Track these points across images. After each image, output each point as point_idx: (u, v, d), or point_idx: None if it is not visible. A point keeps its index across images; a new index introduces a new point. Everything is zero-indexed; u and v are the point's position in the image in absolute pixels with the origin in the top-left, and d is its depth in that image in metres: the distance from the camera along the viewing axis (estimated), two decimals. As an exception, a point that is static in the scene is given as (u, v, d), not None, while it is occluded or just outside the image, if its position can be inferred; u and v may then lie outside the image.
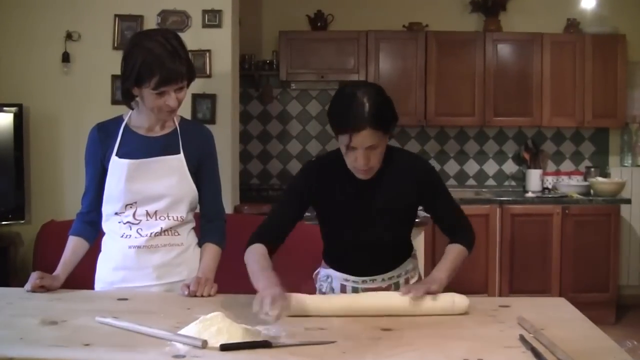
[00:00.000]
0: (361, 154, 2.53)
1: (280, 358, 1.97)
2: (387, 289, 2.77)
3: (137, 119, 2.86)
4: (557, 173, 7.00)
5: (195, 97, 5.05)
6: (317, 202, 2.78)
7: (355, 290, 2.81)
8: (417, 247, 3.09)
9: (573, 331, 2.28)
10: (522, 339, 2.14)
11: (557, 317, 2.45)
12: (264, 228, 2.79)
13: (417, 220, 3.03)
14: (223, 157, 4.46)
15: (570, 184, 6.75)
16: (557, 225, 6.30)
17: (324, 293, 2.90)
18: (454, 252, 2.72)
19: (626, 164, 7.07)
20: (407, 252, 2.87)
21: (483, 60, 6.66)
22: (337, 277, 2.87)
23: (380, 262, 2.80)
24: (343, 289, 2.84)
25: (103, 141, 2.85)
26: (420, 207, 2.80)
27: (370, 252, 2.77)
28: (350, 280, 2.83)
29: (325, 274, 2.95)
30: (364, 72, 6.62)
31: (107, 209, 2.86)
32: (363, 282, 2.81)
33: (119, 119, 2.90)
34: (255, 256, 2.68)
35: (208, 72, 5.04)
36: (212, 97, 5.07)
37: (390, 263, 2.82)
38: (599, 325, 2.36)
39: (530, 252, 6.25)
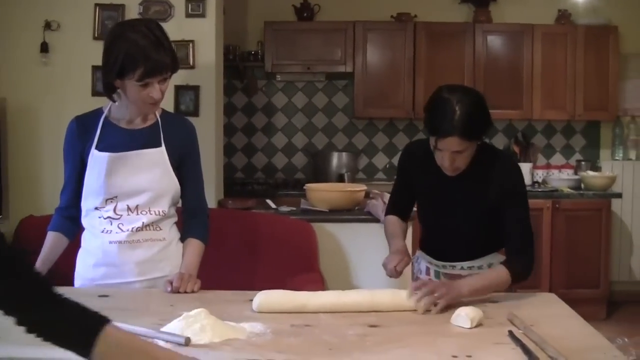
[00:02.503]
0: (447, 157, 2.65)
1: (266, 355, 1.97)
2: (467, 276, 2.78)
3: (118, 111, 2.85)
4: (548, 167, 7.02)
5: (178, 89, 5.03)
6: (410, 179, 2.97)
7: (437, 274, 2.93)
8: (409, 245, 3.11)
9: (563, 327, 2.29)
10: (512, 335, 2.15)
11: (548, 313, 2.47)
12: (391, 203, 3.13)
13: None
14: (206, 150, 4.46)
15: (561, 178, 6.78)
16: (548, 219, 6.33)
17: (414, 273, 3.06)
18: (493, 273, 2.68)
19: (617, 158, 7.10)
20: (491, 246, 2.90)
21: (473, 51, 6.68)
22: (425, 259, 3.03)
23: (460, 250, 2.88)
24: (427, 272, 2.99)
25: (82, 134, 2.84)
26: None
27: (449, 239, 2.88)
28: (433, 263, 2.96)
29: (417, 255, 3.10)
30: (352, 63, 6.62)
31: (86, 203, 2.85)
32: (444, 267, 2.92)
33: (99, 112, 2.89)
34: (388, 225, 3.05)
35: (191, 63, 5.02)
36: (195, 89, 5.05)
37: (471, 253, 2.88)
38: (590, 321, 2.37)
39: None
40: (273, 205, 5.04)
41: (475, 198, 2.78)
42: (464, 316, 2.27)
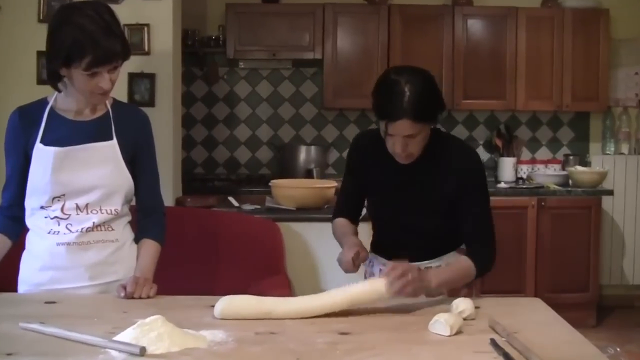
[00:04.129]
0: (399, 142, 2.69)
1: (228, 366, 1.98)
2: None
3: (65, 101, 2.84)
4: (533, 161, 7.08)
5: (132, 77, 5.01)
6: (362, 174, 2.99)
7: None
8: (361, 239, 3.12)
9: (549, 335, 2.32)
10: (494, 343, 2.17)
11: (532, 319, 2.49)
12: (339, 204, 3.15)
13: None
14: (163, 144, 4.45)
15: (547, 174, 6.83)
16: (532, 218, 6.37)
17: (366, 278, 3.03)
18: (459, 265, 2.76)
19: (608, 152, 7.16)
20: (450, 244, 2.94)
21: (452, 37, 6.70)
22: (377, 261, 3.03)
23: (416, 249, 2.90)
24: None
25: (25, 127, 2.82)
26: None
27: (405, 237, 2.91)
28: (387, 265, 2.90)
29: (370, 257, 3.08)
30: (321, 49, 6.62)
31: (31, 202, 2.84)
32: None
33: (43, 102, 2.87)
34: (337, 228, 3.06)
35: (146, 49, 5.01)
36: (150, 77, 5.04)
37: (429, 252, 2.92)
38: (578, 328, 2.40)
39: (503, 248, 6.19)
40: (236, 203, 5.04)
41: (431, 189, 2.82)
42: (442, 322, 2.29)
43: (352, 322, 2.40)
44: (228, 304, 2.45)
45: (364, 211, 3.12)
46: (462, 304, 2.46)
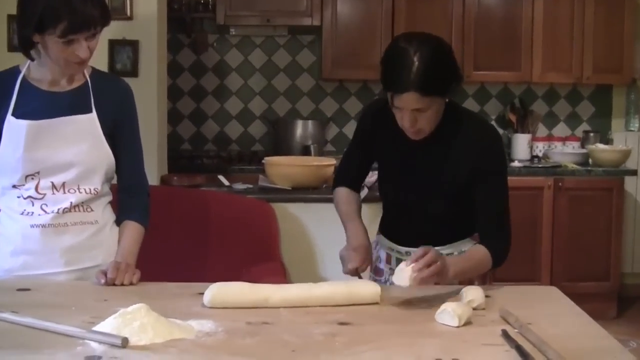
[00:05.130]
0: (407, 116, 2.66)
1: (217, 358, 1.98)
2: None
3: (38, 70, 2.82)
4: (549, 139, 7.08)
5: (113, 44, 5.00)
6: (370, 147, 3.00)
7: (399, 262, 2.88)
8: (371, 228, 3.12)
9: (566, 327, 2.32)
10: (506, 335, 2.17)
11: (547, 309, 2.50)
12: (341, 172, 3.19)
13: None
14: (147, 117, 4.44)
15: (565, 152, 6.83)
16: (549, 200, 6.38)
17: (372, 262, 3.05)
18: (476, 256, 2.74)
19: (632, 128, 7.16)
20: (463, 231, 2.93)
21: (462, 2, 6.68)
22: (384, 244, 3.04)
23: (427, 234, 2.87)
24: (388, 260, 3.02)
25: (-5, 99, 2.81)
26: None
27: (413, 220, 2.91)
28: (395, 249, 2.98)
29: (377, 239, 3.13)
30: (319, 15, 6.59)
31: (2, 180, 2.83)
32: (407, 253, 2.92)
33: (15, 71, 2.85)
34: (339, 201, 3.08)
35: (129, 14, 4.99)
36: (133, 44, 5.03)
37: (439, 238, 2.90)
38: (598, 320, 2.40)
39: (516, 232, 6.23)
40: (226, 183, 5.04)
41: (444, 170, 2.81)
42: (450, 313, 2.29)
43: (351, 311, 2.40)
44: (218, 291, 2.45)
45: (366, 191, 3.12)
46: (472, 293, 2.46)
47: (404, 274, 2.37)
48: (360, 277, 2.79)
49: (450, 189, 2.81)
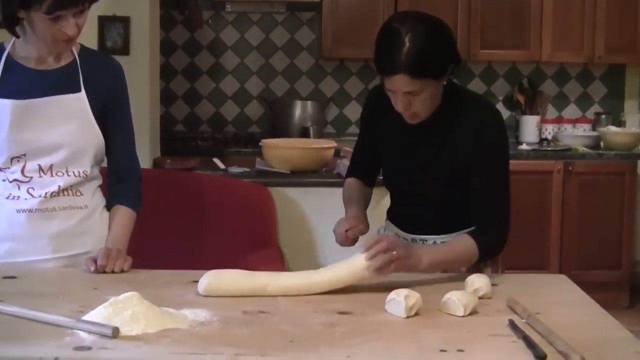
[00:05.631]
0: (400, 99, 2.67)
1: (211, 349, 1.98)
2: None
3: (24, 48, 2.82)
4: (559, 121, 7.07)
5: (103, 21, 4.99)
6: (373, 133, 3.01)
7: None
8: (381, 213, 3.12)
9: (576, 317, 2.32)
10: (513, 325, 2.17)
11: (556, 299, 2.50)
12: (351, 163, 3.24)
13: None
14: (138, 97, 4.43)
15: (575, 135, 6.83)
16: (558, 185, 6.37)
17: None
18: (458, 245, 2.73)
19: (645, 110, 7.17)
20: (469, 219, 2.87)
21: (469, -23, 6.68)
22: (391, 230, 3.07)
23: (430, 221, 2.91)
24: None
25: (-22, 77, 2.81)
26: None
27: (417, 207, 2.92)
28: (401, 236, 2.98)
29: (385, 225, 3.14)
30: (319, -10, 6.60)
31: (-13, 163, 2.84)
32: (413, 240, 2.95)
33: (0, 48, 2.86)
34: (345, 190, 3.14)
35: (119, -12, 4.98)
36: (124, 21, 5.02)
37: (445, 225, 2.91)
38: (609, 310, 2.40)
39: (524, 218, 6.30)
40: (221, 166, 5.04)
41: (443, 155, 2.80)
42: (454, 302, 2.29)
43: (352, 300, 2.40)
44: (214, 279, 2.45)
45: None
46: (478, 281, 2.46)
47: (399, 306, 2.33)
48: (351, 244, 2.83)
49: (450, 174, 2.80)
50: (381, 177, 3.09)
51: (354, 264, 2.50)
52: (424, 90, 2.64)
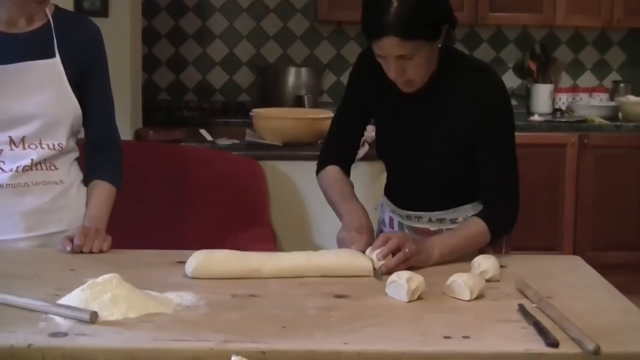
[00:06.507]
0: (392, 64, 2.64)
1: (197, 335, 1.98)
2: (436, 232, 2.86)
3: (-8, 9, 2.81)
4: (574, 90, 7.06)
5: (80, -20, 4.97)
6: (363, 101, 2.97)
7: (401, 226, 2.99)
8: (379, 188, 3.11)
9: (591, 301, 2.33)
10: (523, 310, 2.18)
11: (570, 281, 2.51)
12: (328, 141, 3.15)
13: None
14: (118, 64, 4.42)
15: (592, 105, 6.83)
16: (572, 159, 6.37)
17: (378, 225, 3.10)
18: (468, 230, 2.74)
19: (667, 78, 7.16)
20: (469, 194, 2.90)
21: None
22: (388, 207, 3.10)
23: (426, 197, 2.91)
24: (391, 223, 3.05)
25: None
26: None
27: (414, 182, 2.92)
28: (397, 213, 3.01)
29: (382, 201, 3.17)
30: (315, -53, 6.58)
31: (-47, 136, 2.83)
32: (407, 217, 2.97)
33: (-35, 10, 2.85)
34: (328, 183, 3.05)
35: (97, -56, 4.96)
36: (103, -20, 5.00)
37: (442, 201, 2.91)
38: (626, 294, 2.41)
39: (536, 195, 6.29)
40: (209, 138, 5.04)
41: (441, 126, 2.79)
42: (460, 284, 2.29)
43: (350, 283, 2.41)
44: (205, 260, 2.46)
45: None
46: (485, 263, 2.47)
47: (400, 289, 2.33)
48: None
49: (448, 147, 2.79)
50: (375, 151, 3.08)
51: (360, 263, 2.51)
52: (417, 54, 2.61)
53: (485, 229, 2.70)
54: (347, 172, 3.06)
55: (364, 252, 2.62)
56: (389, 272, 2.43)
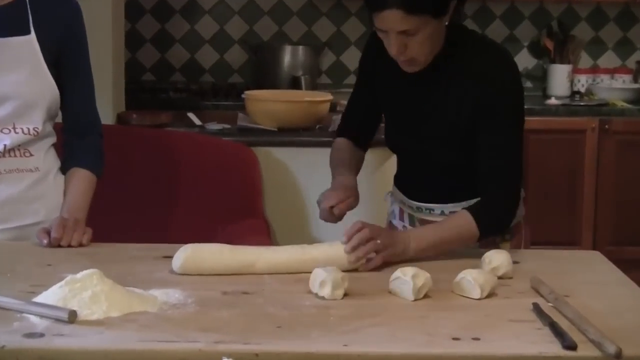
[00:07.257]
0: (394, 40, 2.64)
1: (184, 336, 1.98)
2: None
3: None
4: (594, 70, 7.06)
5: (57, -50, 4.96)
6: (372, 83, 3.01)
7: (411, 219, 3.01)
8: (387, 175, 3.12)
9: (611, 300, 2.34)
10: (537, 309, 2.19)
11: (589, 279, 2.52)
12: (342, 119, 3.24)
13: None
14: (99, 41, 4.42)
15: (613, 87, 6.83)
16: (592, 146, 6.37)
17: (387, 217, 3.14)
18: (451, 224, 2.73)
19: (696, 59, 7.17)
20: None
21: None
22: (397, 197, 3.13)
23: (437, 187, 2.93)
24: (401, 216, 3.07)
25: None
26: None
27: (422, 170, 2.94)
28: (407, 204, 3.02)
29: (391, 192, 3.20)
30: None
31: None
32: (418, 209, 2.98)
33: None
34: (333, 152, 3.13)
35: None
36: (82, -50, 4.99)
37: (453, 192, 2.92)
38: (649, 292, 2.42)
39: (552, 185, 6.31)
40: (197, 122, 5.04)
41: (447, 109, 2.79)
42: (470, 282, 2.30)
43: (350, 278, 2.39)
44: (193, 254, 2.46)
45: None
46: (496, 258, 2.47)
47: (405, 286, 2.33)
48: (336, 221, 2.84)
49: (454, 132, 2.79)
50: (383, 136, 3.08)
51: (335, 254, 2.52)
52: (421, 30, 2.61)
53: (472, 223, 2.67)
54: (361, 147, 3.15)
55: (333, 206, 2.77)
56: (365, 266, 2.50)
